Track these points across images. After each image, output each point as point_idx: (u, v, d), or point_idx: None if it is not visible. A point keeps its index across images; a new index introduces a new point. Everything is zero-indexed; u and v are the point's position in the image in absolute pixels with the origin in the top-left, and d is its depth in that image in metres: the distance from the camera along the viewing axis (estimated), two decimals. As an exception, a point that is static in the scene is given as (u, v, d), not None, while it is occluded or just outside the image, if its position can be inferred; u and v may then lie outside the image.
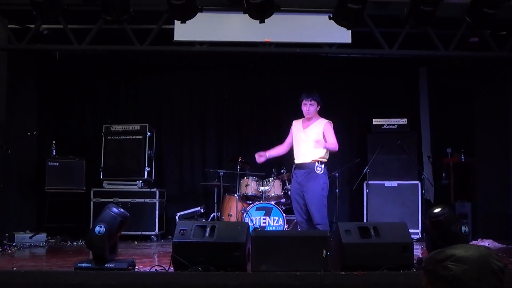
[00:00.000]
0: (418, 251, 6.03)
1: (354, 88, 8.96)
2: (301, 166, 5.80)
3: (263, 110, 8.93)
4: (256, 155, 6.13)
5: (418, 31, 5.88)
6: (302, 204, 5.77)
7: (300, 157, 5.85)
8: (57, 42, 6.73)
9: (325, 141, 5.75)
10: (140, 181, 7.97)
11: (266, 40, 6.18)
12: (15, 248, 6.59)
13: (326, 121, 5.90)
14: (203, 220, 7.54)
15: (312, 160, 5.73)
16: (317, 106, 5.87)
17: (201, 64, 8.65)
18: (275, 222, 7.19)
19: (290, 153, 7.36)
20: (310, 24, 6.27)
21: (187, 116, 8.88)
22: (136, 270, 4.43)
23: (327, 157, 5.79)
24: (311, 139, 5.78)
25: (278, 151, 6.21)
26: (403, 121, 8.23)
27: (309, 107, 5.84)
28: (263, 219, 7.21)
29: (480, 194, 7.97)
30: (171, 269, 4.25)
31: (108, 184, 7.98)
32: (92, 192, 7.85)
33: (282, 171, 7.78)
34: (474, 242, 6.77)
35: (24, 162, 7.73)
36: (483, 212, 7.73)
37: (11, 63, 7.03)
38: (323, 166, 5.67)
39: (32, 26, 6.17)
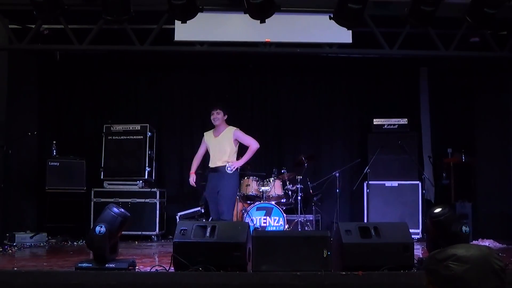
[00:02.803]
0: (418, 251, 6.03)
1: (355, 88, 8.95)
2: (215, 169, 6.35)
3: (263, 110, 8.93)
4: (191, 181, 6.54)
5: (418, 31, 5.87)
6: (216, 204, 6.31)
7: (214, 162, 6.39)
8: (58, 42, 6.73)
9: (246, 146, 6.41)
10: (141, 181, 7.97)
11: (266, 40, 6.18)
12: (15, 248, 6.60)
13: (234, 128, 6.46)
14: (204, 220, 7.53)
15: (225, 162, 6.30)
16: (224, 115, 6.43)
17: (201, 64, 8.65)
18: (276, 222, 7.19)
19: (295, 155, 7.57)
20: (311, 24, 6.26)
21: (187, 116, 8.88)
22: (136, 270, 4.44)
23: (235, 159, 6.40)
24: (223, 145, 6.35)
25: (197, 164, 6.70)
26: (404, 121, 8.22)
27: (215, 115, 6.40)
28: (264, 219, 7.22)
29: (481, 194, 7.97)
30: (172, 269, 4.25)
31: (109, 184, 7.99)
32: (92, 192, 7.86)
33: (282, 171, 7.78)
34: (474, 242, 6.76)
35: (24, 162, 7.73)
36: (484, 212, 7.73)
37: (11, 63, 7.02)
38: (233, 167, 6.27)
39: (33, 26, 6.16)
